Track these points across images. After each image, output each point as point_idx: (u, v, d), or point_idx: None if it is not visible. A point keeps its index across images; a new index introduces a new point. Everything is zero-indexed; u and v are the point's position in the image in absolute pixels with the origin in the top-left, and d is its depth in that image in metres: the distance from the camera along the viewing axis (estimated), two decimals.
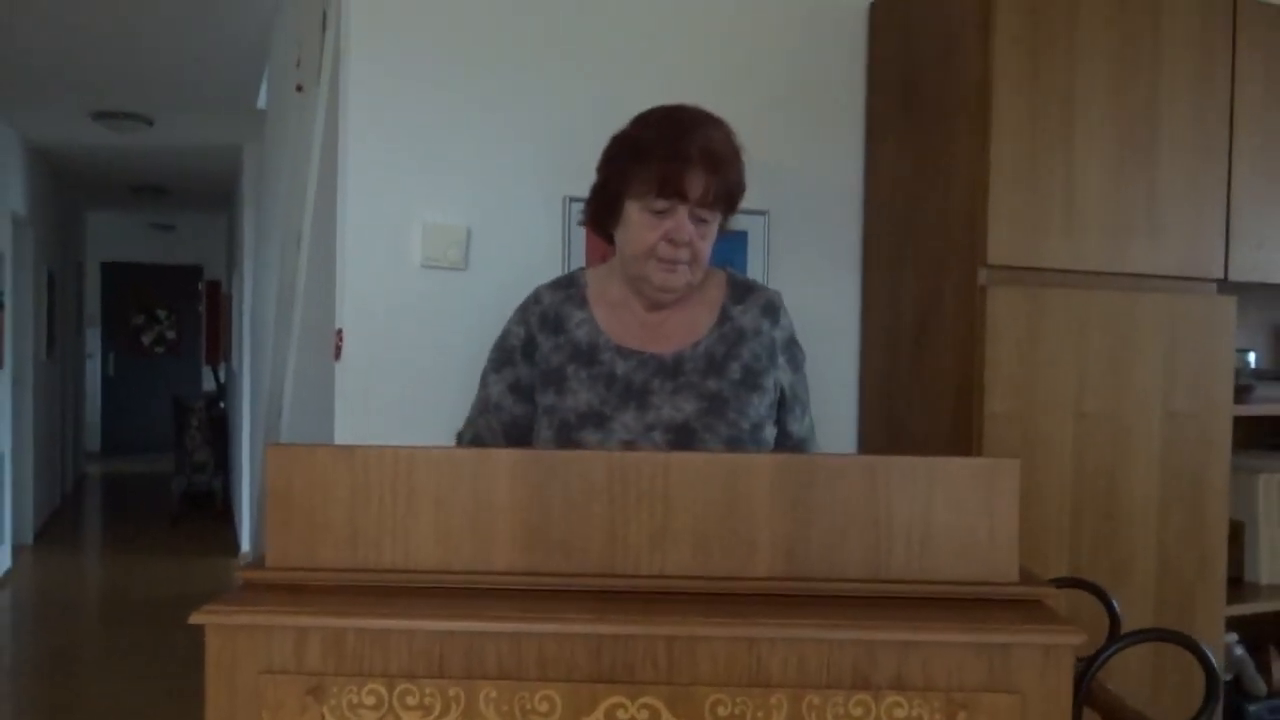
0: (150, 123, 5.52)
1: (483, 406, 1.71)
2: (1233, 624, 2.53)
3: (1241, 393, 2.46)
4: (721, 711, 0.85)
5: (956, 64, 2.16)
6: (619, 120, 1.66)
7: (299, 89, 2.89)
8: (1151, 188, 2.20)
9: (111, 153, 6.53)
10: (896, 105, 2.37)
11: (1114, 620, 1.18)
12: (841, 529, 0.93)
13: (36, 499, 6.84)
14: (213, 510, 7.88)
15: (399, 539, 0.94)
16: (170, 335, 11.53)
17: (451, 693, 0.86)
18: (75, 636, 4.97)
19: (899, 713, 0.85)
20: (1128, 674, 2.15)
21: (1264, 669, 2.54)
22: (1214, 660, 1.01)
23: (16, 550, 6.25)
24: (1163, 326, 2.22)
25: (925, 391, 2.25)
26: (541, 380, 1.63)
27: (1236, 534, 2.59)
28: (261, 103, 4.91)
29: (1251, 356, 2.68)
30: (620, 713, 0.86)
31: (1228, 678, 2.51)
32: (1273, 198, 2.35)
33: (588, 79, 2.18)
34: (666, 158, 1.53)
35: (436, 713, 0.86)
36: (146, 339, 11.48)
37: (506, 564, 0.93)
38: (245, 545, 6.33)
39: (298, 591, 0.92)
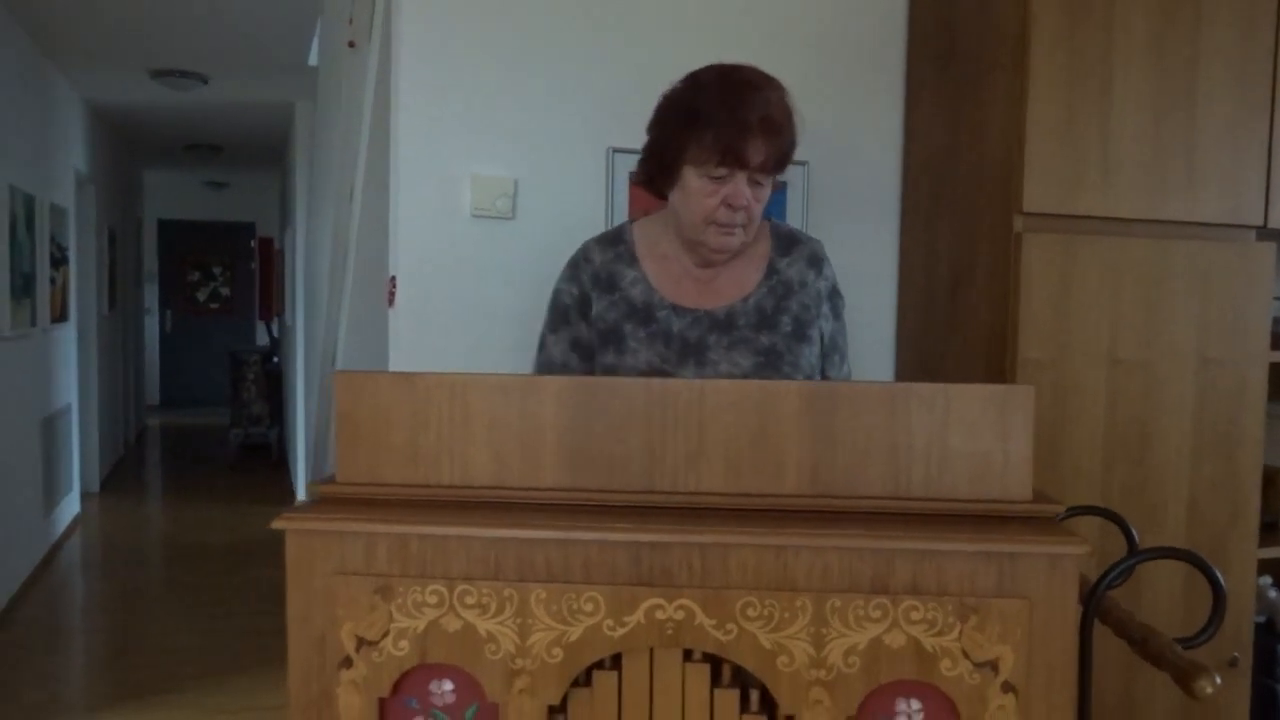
0: (205, 81, 5.64)
1: (544, 368, 1.73)
2: (1268, 567, 2.57)
3: None
4: (751, 613, 0.93)
5: (994, 17, 2.18)
6: (662, 74, 1.70)
7: (351, 45, 2.97)
8: (1190, 137, 2.21)
9: (168, 111, 6.67)
10: (935, 58, 2.39)
11: (1131, 545, 1.24)
12: (864, 451, 1.00)
13: (101, 449, 7.09)
14: (269, 461, 8.13)
15: (456, 458, 1.02)
16: (224, 292, 11.79)
17: (505, 593, 0.95)
18: (140, 578, 5.20)
19: (915, 615, 0.92)
20: (1158, 603, 2.21)
21: None
22: (1220, 577, 1.07)
23: (84, 497, 6.51)
24: (1199, 274, 2.24)
25: (960, 339, 2.30)
26: (599, 339, 1.67)
27: (1274, 480, 2.62)
28: (313, 59, 5.00)
29: None
30: (659, 613, 0.94)
31: (1261, 619, 2.54)
32: None
33: (631, 34, 2.23)
34: (726, 125, 1.53)
35: (492, 611, 0.95)
36: (201, 295, 11.75)
37: (554, 481, 1.02)
38: (301, 494, 6.54)
39: (365, 504, 1.01)
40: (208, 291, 11.75)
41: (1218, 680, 0.94)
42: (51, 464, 5.45)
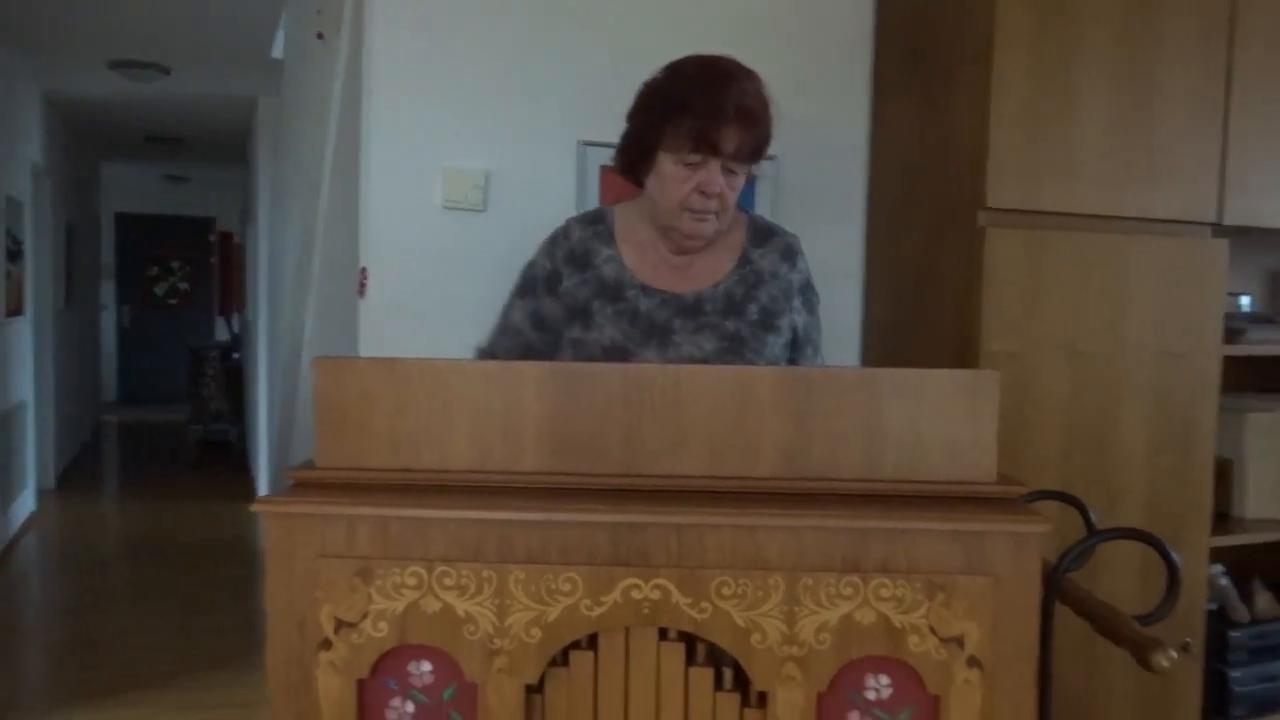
0: (167, 72, 5.57)
1: (503, 328, 1.79)
2: (1220, 555, 2.63)
3: (1234, 335, 2.54)
4: (725, 591, 0.96)
5: (962, 15, 2.22)
6: (632, 69, 1.71)
7: (320, 37, 2.95)
8: (1149, 137, 2.27)
9: (127, 103, 6.58)
10: (903, 56, 2.43)
11: (1090, 527, 1.28)
12: (838, 434, 1.02)
13: (58, 445, 6.98)
14: (229, 458, 8.04)
15: (436, 443, 1.04)
16: (183, 287, 11.63)
17: (484, 575, 0.96)
18: (98, 576, 5.12)
19: (884, 593, 0.95)
20: (1116, 585, 2.26)
21: (1247, 598, 2.65)
22: (1175, 557, 1.11)
23: (40, 494, 6.40)
24: (1157, 269, 2.30)
25: (927, 332, 2.34)
26: (568, 313, 1.70)
27: (1225, 471, 2.69)
28: (277, 52, 4.96)
29: (1245, 300, 2.76)
30: (635, 593, 0.96)
31: (1213, 606, 2.61)
32: (1267, 146, 2.41)
33: (601, 29, 2.25)
34: (702, 113, 1.56)
35: (471, 592, 0.96)
36: (160, 290, 11.59)
37: (534, 465, 1.03)
38: (263, 492, 6.49)
39: (345, 488, 1.02)
40: (167, 286, 11.59)
41: (1173, 654, 0.98)
42: (7, 460, 5.37)
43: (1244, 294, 2.75)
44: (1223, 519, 2.67)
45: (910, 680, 0.97)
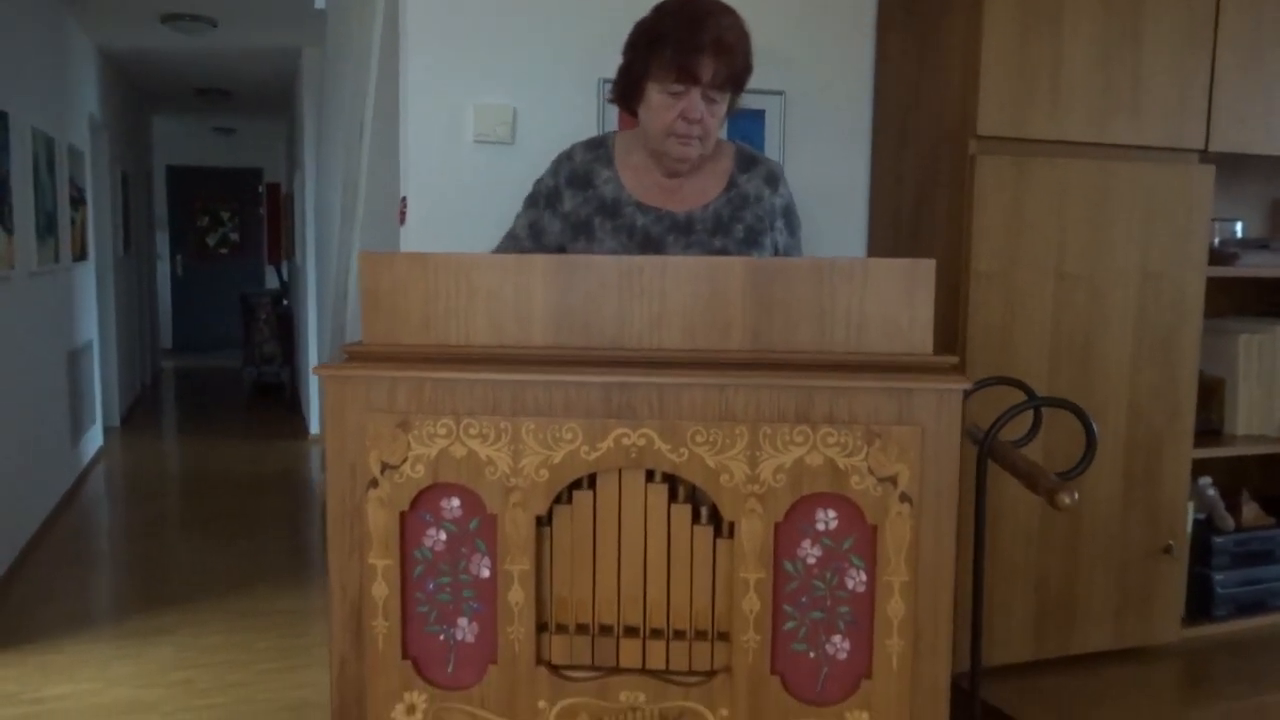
0: (214, 24, 5.79)
1: (509, 233, 2.00)
2: (1209, 468, 2.79)
3: (1227, 259, 2.68)
4: (699, 439, 1.16)
5: None
6: (645, 9, 1.91)
7: None
8: (1135, 67, 2.40)
9: (177, 56, 6.82)
10: None
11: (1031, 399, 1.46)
12: (796, 314, 1.22)
13: (121, 387, 7.34)
14: (281, 399, 8.38)
15: (460, 323, 1.24)
16: (234, 236, 11.99)
17: (502, 425, 1.17)
18: (163, 506, 5.47)
19: (830, 439, 1.15)
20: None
21: (1234, 509, 2.81)
22: (1093, 424, 1.29)
23: (107, 431, 6.77)
24: (1143, 194, 2.44)
25: (922, 254, 2.50)
26: (572, 230, 1.91)
27: (1217, 389, 2.84)
28: (319, 3, 5.15)
29: (1239, 226, 2.88)
30: (624, 440, 1.17)
31: (1200, 516, 2.78)
32: (1254, 76, 2.53)
33: None
34: (681, 46, 1.75)
35: (491, 439, 1.18)
36: (211, 240, 11.95)
37: (541, 340, 1.23)
38: (314, 429, 6.80)
39: (388, 358, 1.23)
40: (217, 236, 11.95)
41: (1075, 495, 1.17)
42: (77, 396, 5.70)
43: (1237, 220, 2.87)
44: (1214, 434, 2.83)
45: (853, 513, 1.17)
